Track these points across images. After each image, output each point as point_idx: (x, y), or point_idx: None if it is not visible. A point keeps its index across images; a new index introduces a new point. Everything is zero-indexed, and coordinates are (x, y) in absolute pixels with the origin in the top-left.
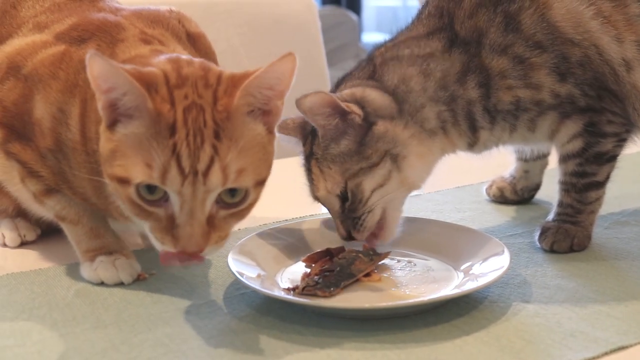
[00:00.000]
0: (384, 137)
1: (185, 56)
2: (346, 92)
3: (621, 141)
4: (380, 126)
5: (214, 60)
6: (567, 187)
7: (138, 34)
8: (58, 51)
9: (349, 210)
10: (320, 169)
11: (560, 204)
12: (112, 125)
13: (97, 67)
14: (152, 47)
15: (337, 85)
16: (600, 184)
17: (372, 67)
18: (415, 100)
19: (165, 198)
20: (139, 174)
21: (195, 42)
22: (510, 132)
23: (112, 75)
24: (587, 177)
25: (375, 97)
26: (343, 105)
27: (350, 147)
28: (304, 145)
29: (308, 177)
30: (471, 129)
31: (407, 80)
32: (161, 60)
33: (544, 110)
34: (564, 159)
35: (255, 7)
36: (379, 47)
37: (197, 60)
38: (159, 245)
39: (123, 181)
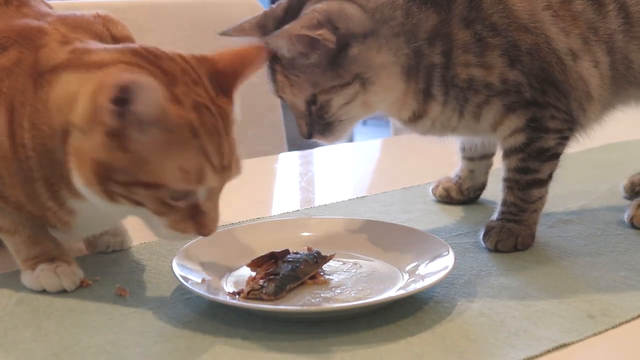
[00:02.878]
0: (357, 60)
1: (136, 46)
2: (320, 7)
3: (563, 139)
4: (355, 49)
5: None
6: (511, 184)
7: (59, 37)
8: None
9: (317, 116)
10: (285, 75)
11: (504, 203)
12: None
13: (146, 101)
14: (73, 46)
15: None
16: (543, 182)
17: None
18: (394, 26)
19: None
20: (176, 180)
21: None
22: (458, 116)
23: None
24: (529, 173)
25: (352, 12)
26: (314, 35)
27: (320, 61)
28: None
29: (271, 76)
30: (425, 94)
31: (395, 6)
32: (133, 61)
33: (491, 97)
34: (507, 154)
35: (200, 10)
36: None
37: (153, 48)
38: (172, 235)
39: (152, 186)
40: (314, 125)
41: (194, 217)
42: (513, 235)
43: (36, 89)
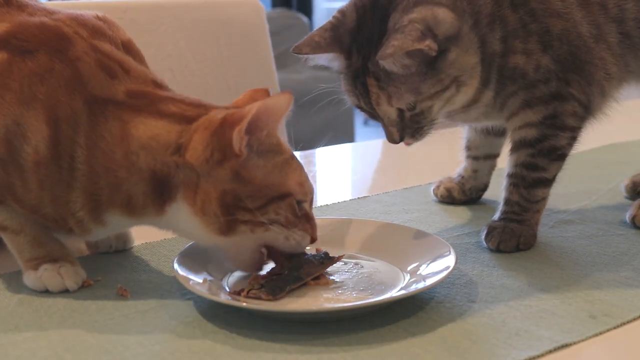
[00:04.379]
0: (455, 63)
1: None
2: (416, 16)
3: (573, 139)
4: (453, 53)
5: (145, 64)
6: (517, 180)
7: (91, 51)
8: (2, 59)
9: (411, 121)
10: (382, 88)
11: (507, 202)
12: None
13: (285, 109)
14: (127, 85)
15: None
16: (548, 182)
17: None
18: (469, 20)
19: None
20: (297, 192)
21: (128, 49)
22: (493, 105)
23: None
24: (536, 171)
25: (445, 18)
26: (423, 47)
27: (420, 70)
28: (348, 58)
29: (360, 90)
30: (484, 82)
31: (478, 3)
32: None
33: (520, 90)
34: (516, 147)
35: (202, 11)
36: None
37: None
38: (301, 239)
39: (285, 196)
40: (406, 129)
41: (308, 223)
42: (515, 235)
43: (93, 115)
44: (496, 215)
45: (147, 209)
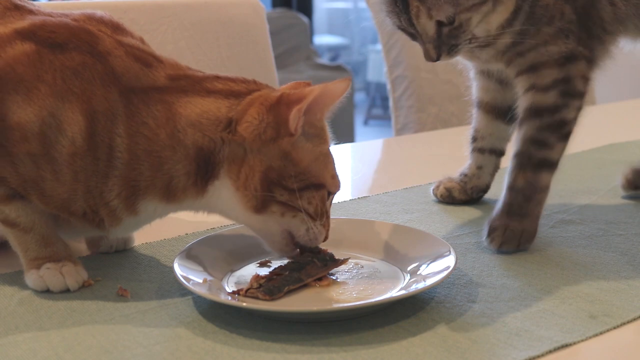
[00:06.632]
0: None
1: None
2: None
3: (579, 110)
4: None
5: None
6: (523, 160)
7: (118, 45)
8: (31, 50)
9: (448, 37)
10: (422, 0)
11: (511, 188)
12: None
13: (341, 95)
14: (168, 71)
15: None
16: (553, 166)
17: None
18: None
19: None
20: (330, 184)
21: None
22: (503, 53)
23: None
24: (543, 148)
25: None
26: None
27: None
28: None
29: (400, 7)
30: (512, 17)
31: None
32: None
33: (532, 48)
34: (525, 116)
35: (202, 10)
36: None
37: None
38: (318, 234)
39: (320, 186)
40: (442, 46)
41: (326, 221)
42: (517, 235)
43: (131, 105)
44: (497, 209)
45: (188, 190)
